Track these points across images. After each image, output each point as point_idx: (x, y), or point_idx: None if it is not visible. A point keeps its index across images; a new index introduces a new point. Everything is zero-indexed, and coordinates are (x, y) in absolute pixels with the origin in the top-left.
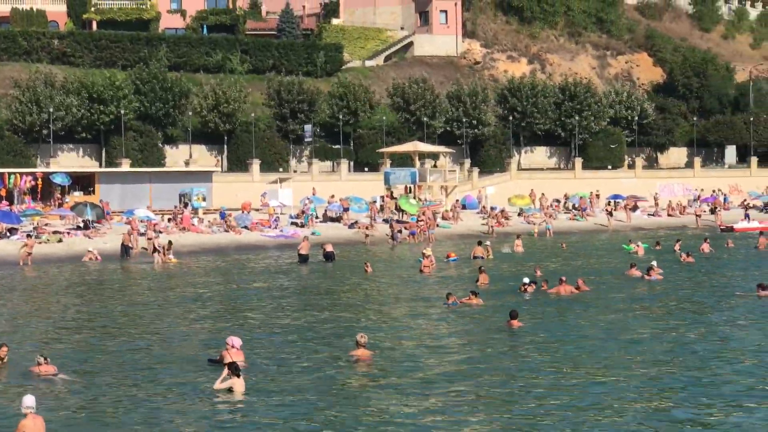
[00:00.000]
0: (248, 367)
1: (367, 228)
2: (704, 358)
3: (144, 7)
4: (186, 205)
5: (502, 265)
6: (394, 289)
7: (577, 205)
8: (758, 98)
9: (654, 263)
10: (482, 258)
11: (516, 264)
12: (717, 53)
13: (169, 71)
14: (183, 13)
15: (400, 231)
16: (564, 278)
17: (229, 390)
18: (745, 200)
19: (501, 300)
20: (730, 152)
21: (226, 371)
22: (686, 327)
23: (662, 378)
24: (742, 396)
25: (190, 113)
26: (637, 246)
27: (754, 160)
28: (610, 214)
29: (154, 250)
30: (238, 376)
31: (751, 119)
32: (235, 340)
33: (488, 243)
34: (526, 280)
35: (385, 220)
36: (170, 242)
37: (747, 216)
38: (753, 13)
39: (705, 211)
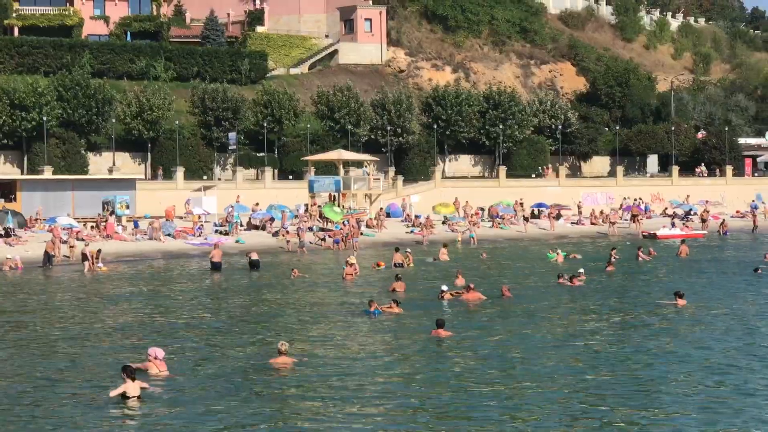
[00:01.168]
0: (170, 377)
1: (288, 234)
2: (620, 362)
3: (67, 13)
4: (112, 213)
5: (424, 272)
6: (317, 297)
7: (499, 213)
8: (679, 108)
9: (581, 270)
10: (402, 265)
11: (439, 271)
12: (639, 63)
13: (92, 78)
14: (106, 20)
15: (323, 239)
16: (472, 285)
17: (124, 396)
18: (666, 209)
19: (421, 307)
20: (652, 161)
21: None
22: (607, 334)
23: (583, 383)
24: (658, 402)
25: (114, 120)
26: (557, 254)
27: (675, 169)
28: (526, 220)
29: (84, 258)
30: (133, 379)
31: (673, 129)
32: (158, 351)
33: (408, 250)
34: (444, 287)
35: (316, 228)
36: (99, 250)
37: (673, 224)
38: (674, 23)
39: (626, 219)
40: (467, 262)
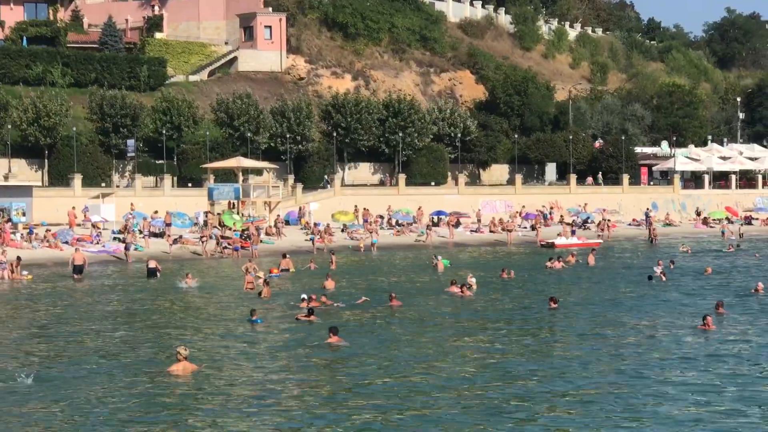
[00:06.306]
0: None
1: (188, 241)
2: (508, 372)
3: None
4: (8, 220)
5: (302, 280)
6: (215, 304)
7: (400, 221)
8: (577, 117)
9: (473, 279)
10: (287, 270)
11: (319, 278)
12: (537, 72)
13: None
14: (1, 24)
15: (225, 247)
16: (314, 296)
17: None
18: (562, 217)
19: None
20: (551, 169)
21: None
22: (492, 341)
23: (473, 391)
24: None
25: (10, 126)
26: (438, 260)
27: (573, 177)
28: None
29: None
30: None
31: (570, 137)
32: None
33: (288, 256)
34: (304, 296)
35: (221, 237)
36: (19, 258)
37: (573, 232)
38: (572, 33)
39: (526, 227)
40: (361, 269)
